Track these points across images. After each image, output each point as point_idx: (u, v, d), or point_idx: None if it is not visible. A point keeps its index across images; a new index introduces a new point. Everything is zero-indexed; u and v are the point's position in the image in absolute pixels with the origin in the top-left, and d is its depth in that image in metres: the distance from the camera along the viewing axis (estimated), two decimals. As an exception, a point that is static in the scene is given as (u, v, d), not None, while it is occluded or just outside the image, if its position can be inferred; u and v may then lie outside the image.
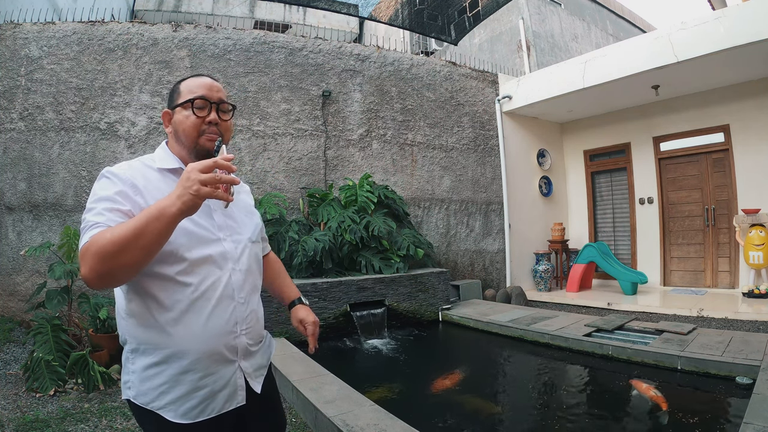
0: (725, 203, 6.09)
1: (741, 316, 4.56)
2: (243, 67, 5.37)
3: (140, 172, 1.05)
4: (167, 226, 0.86)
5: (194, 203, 0.85)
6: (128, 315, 1.05)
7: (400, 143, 6.28)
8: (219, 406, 1.07)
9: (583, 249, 6.56)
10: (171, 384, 1.02)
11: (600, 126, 7.38)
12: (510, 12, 9.11)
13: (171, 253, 0.99)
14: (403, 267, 5.11)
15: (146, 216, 0.85)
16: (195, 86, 1.12)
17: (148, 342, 1.03)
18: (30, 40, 4.72)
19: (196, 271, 1.02)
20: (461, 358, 4.32)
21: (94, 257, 0.85)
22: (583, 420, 2.69)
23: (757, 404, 2.32)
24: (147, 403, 1.04)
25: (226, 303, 1.06)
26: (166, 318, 1.01)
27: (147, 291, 1.01)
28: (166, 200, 0.86)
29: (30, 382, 3.08)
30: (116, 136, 4.83)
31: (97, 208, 0.95)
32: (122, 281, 0.94)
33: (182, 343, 1.01)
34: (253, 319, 1.14)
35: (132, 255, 0.85)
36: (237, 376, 1.10)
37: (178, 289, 1.01)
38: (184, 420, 1.03)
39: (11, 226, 4.58)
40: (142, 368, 1.04)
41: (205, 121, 1.10)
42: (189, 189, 0.84)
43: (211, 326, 1.03)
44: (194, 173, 0.85)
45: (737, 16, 4.58)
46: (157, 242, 0.87)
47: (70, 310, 3.71)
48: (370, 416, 2.37)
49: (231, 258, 1.09)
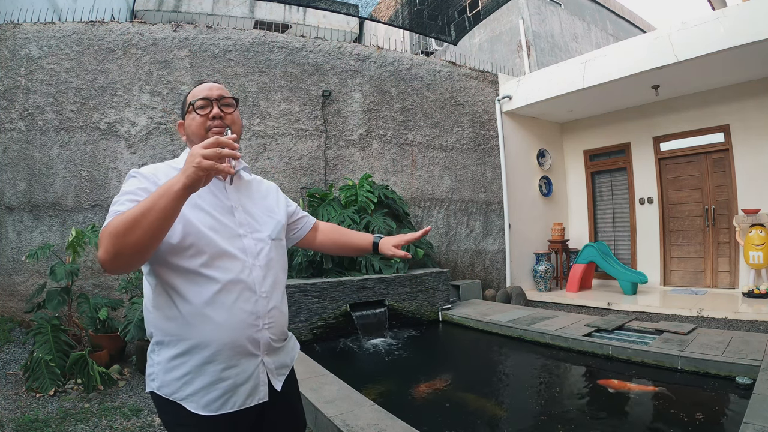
0: (725, 203, 6.09)
1: (741, 316, 4.56)
2: (243, 67, 5.37)
3: (163, 171, 1.12)
4: (174, 201, 0.88)
5: (197, 176, 0.88)
6: (154, 308, 1.09)
7: (400, 143, 6.28)
8: (241, 401, 1.09)
9: (583, 249, 6.57)
10: (194, 374, 1.05)
11: (600, 126, 7.38)
12: (510, 12, 9.12)
13: (193, 247, 1.04)
14: (403, 267, 5.11)
15: (154, 195, 0.90)
16: (196, 92, 1.20)
17: (172, 334, 1.06)
18: (30, 40, 4.72)
19: (218, 264, 1.06)
20: (461, 358, 4.32)
21: (108, 237, 0.89)
22: (583, 420, 2.69)
23: (757, 404, 2.32)
24: (170, 394, 1.07)
25: (247, 296, 1.09)
26: (189, 310, 1.05)
27: (171, 284, 1.05)
28: (172, 179, 0.90)
29: (30, 382, 3.08)
30: (116, 136, 4.83)
31: (120, 200, 1.01)
32: (133, 263, 0.95)
33: (205, 335, 1.05)
34: (276, 315, 1.16)
35: (140, 232, 0.87)
36: (260, 371, 1.12)
37: (201, 281, 1.05)
38: (205, 412, 1.05)
39: (11, 226, 4.58)
40: (167, 359, 1.07)
41: (209, 116, 1.16)
42: (192, 163, 0.88)
43: (233, 318, 1.06)
44: (197, 149, 0.90)
45: (737, 16, 4.58)
46: (164, 218, 0.89)
47: (70, 311, 3.71)
48: (370, 416, 2.37)
49: (251, 253, 1.12)
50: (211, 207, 1.11)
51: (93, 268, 4.60)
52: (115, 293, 4.41)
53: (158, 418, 2.77)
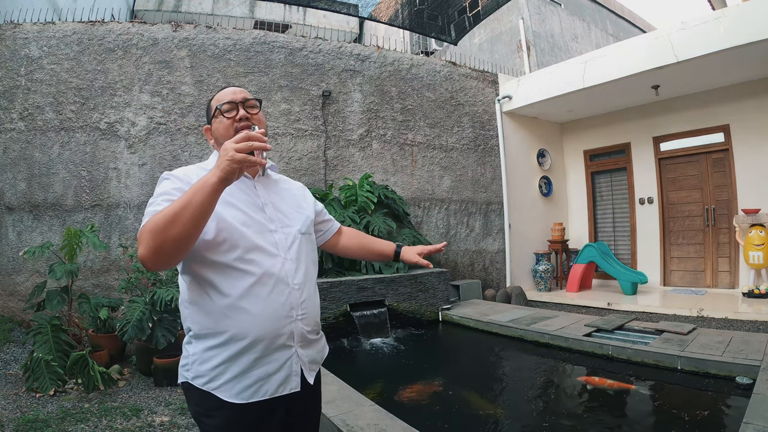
0: (725, 203, 6.09)
1: (741, 316, 4.56)
2: (243, 67, 5.37)
3: (195, 172, 1.17)
4: (210, 195, 0.93)
5: (231, 168, 0.93)
6: (190, 303, 1.13)
7: (400, 143, 6.28)
8: (273, 389, 1.11)
9: (583, 249, 6.57)
10: (228, 364, 1.08)
11: (600, 126, 7.38)
12: (510, 12, 9.11)
13: (227, 242, 1.08)
14: (403, 267, 5.11)
15: (191, 190, 0.94)
16: (220, 96, 1.24)
17: (209, 327, 1.10)
18: (30, 40, 4.72)
19: (251, 258, 1.10)
20: (461, 358, 4.32)
21: (148, 234, 0.93)
22: (583, 419, 2.69)
23: (757, 404, 2.32)
24: (204, 384, 1.10)
25: (281, 288, 1.12)
26: (225, 303, 1.08)
27: (206, 279, 1.09)
28: (207, 175, 0.95)
29: (30, 382, 3.08)
30: (116, 136, 4.83)
31: (156, 201, 1.06)
32: (174, 258, 0.98)
33: (242, 326, 1.08)
34: (309, 306, 1.19)
35: (180, 226, 0.92)
36: (293, 361, 1.15)
37: (236, 275, 1.09)
38: (237, 400, 1.08)
39: (11, 226, 4.58)
40: (202, 350, 1.11)
41: (236, 119, 1.21)
42: (226, 156, 0.93)
43: (268, 310, 1.10)
44: (229, 143, 0.95)
45: (737, 16, 4.58)
46: (202, 212, 0.93)
47: (70, 310, 3.71)
48: (370, 416, 2.37)
49: (282, 247, 1.16)
50: (242, 204, 1.15)
51: (93, 268, 4.60)
52: (115, 293, 4.41)
53: (158, 418, 2.77)
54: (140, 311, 3.42)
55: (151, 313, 3.44)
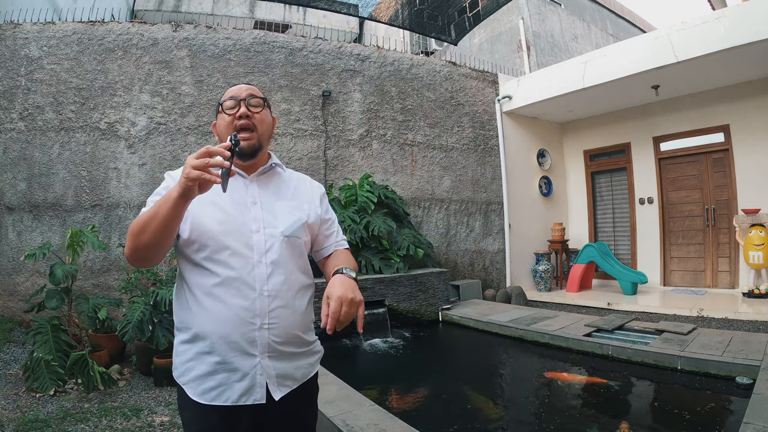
0: (725, 203, 6.09)
1: (741, 316, 4.56)
2: (243, 67, 5.36)
3: None
4: (173, 208, 0.95)
5: (187, 186, 0.93)
6: (175, 296, 1.19)
7: (400, 143, 6.27)
8: (235, 397, 1.09)
9: (583, 249, 6.56)
10: (195, 361, 1.11)
11: (600, 126, 7.38)
12: (510, 12, 9.12)
13: (197, 242, 1.10)
14: (403, 267, 5.11)
15: (159, 201, 0.99)
16: (227, 92, 1.24)
17: (182, 320, 1.15)
18: (30, 40, 4.72)
19: (218, 259, 1.10)
20: (461, 357, 4.32)
21: (129, 235, 1.03)
22: (583, 419, 2.69)
23: (757, 404, 2.32)
24: (178, 377, 1.15)
25: (245, 293, 1.09)
26: (192, 299, 1.12)
27: (183, 274, 1.15)
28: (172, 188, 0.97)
29: (30, 382, 3.08)
30: (116, 136, 4.83)
31: (148, 200, 1.12)
32: (149, 260, 1.06)
33: (203, 325, 1.09)
34: (282, 316, 1.11)
35: (148, 234, 0.98)
36: (257, 372, 1.09)
37: (204, 273, 1.10)
38: (201, 399, 1.09)
39: (11, 226, 4.58)
40: (178, 343, 1.16)
41: (235, 116, 1.18)
42: (183, 173, 0.93)
43: (227, 313, 1.08)
44: (189, 159, 0.93)
45: (737, 16, 4.57)
46: (166, 223, 0.97)
47: (70, 311, 3.71)
48: (370, 416, 2.37)
49: (258, 250, 1.12)
50: (226, 202, 1.13)
51: (93, 268, 4.60)
52: (115, 293, 4.41)
53: (158, 418, 2.77)
54: (141, 311, 3.42)
55: (151, 314, 3.44)
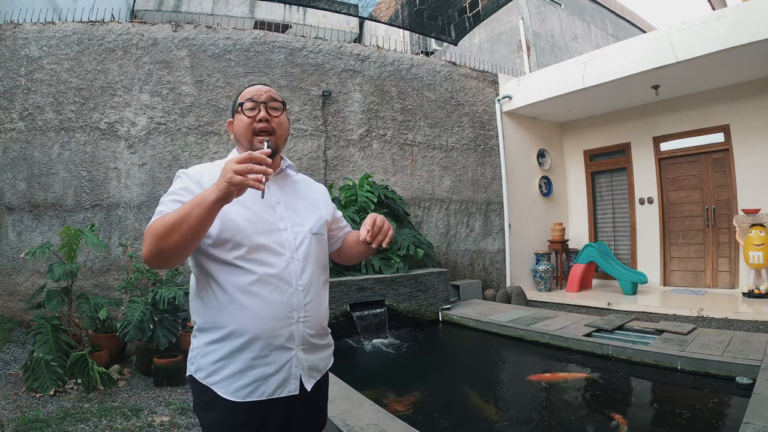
0: (725, 203, 6.09)
1: (741, 316, 4.56)
2: (243, 67, 5.37)
3: (208, 171, 1.17)
4: (207, 211, 0.95)
5: (228, 190, 0.93)
6: (196, 296, 1.16)
7: (400, 143, 6.27)
8: (270, 390, 1.11)
9: (583, 249, 6.56)
10: (227, 360, 1.09)
11: (600, 126, 7.38)
12: (510, 12, 9.11)
13: (230, 242, 1.10)
14: (403, 267, 5.11)
15: (191, 203, 0.97)
16: (246, 93, 1.24)
17: (210, 321, 1.12)
18: (30, 40, 4.72)
19: (255, 257, 1.11)
20: (461, 357, 4.32)
21: (149, 238, 0.98)
22: (582, 419, 2.69)
23: (757, 404, 2.32)
24: (204, 378, 1.11)
25: (283, 288, 1.12)
26: (225, 298, 1.10)
27: (210, 274, 1.12)
28: (207, 190, 0.97)
29: (30, 382, 3.08)
30: (116, 136, 4.83)
31: (164, 200, 1.09)
32: (173, 261, 1.03)
33: (241, 322, 1.09)
34: (313, 308, 1.17)
35: (177, 236, 0.96)
36: (293, 364, 1.13)
37: (237, 272, 1.10)
38: (234, 398, 1.08)
39: (11, 226, 4.58)
40: (204, 344, 1.13)
41: (255, 119, 1.20)
42: (224, 178, 0.93)
43: (267, 309, 1.10)
44: (230, 164, 0.94)
45: (737, 16, 4.57)
46: (198, 226, 0.96)
47: (70, 310, 3.71)
48: (370, 416, 2.37)
49: (289, 247, 1.16)
50: (252, 202, 1.14)
51: (93, 268, 4.60)
52: (115, 293, 4.41)
53: (158, 418, 2.77)
54: (141, 311, 3.42)
55: (152, 314, 3.44)
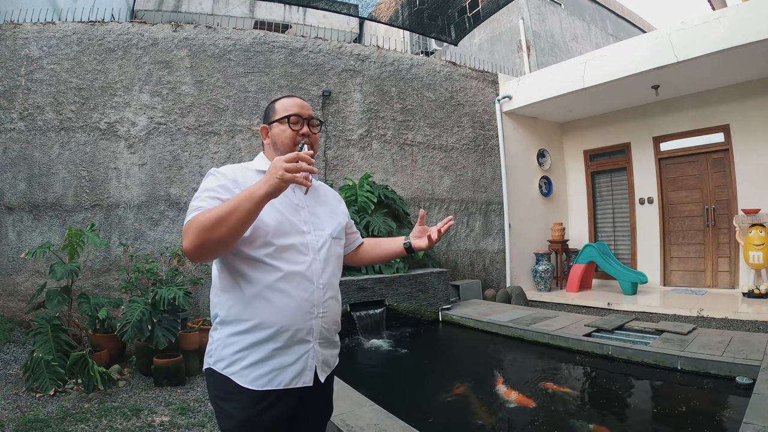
0: (725, 203, 6.09)
1: (741, 316, 4.56)
2: (243, 67, 5.37)
3: (240, 171, 1.25)
4: (255, 205, 1.02)
5: (279, 186, 1.01)
6: (222, 291, 1.22)
7: (400, 143, 6.27)
8: (287, 380, 1.17)
9: (583, 249, 6.56)
10: (248, 350, 1.16)
11: (600, 126, 7.38)
12: (510, 12, 9.11)
13: (261, 239, 1.16)
14: (403, 267, 5.11)
15: (239, 198, 1.03)
16: (289, 105, 1.31)
17: (235, 314, 1.18)
18: (30, 40, 4.72)
19: (282, 255, 1.18)
20: (461, 357, 4.32)
21: (195, 231, 1.03)
22: (582, 419, 2.69)
23: (757, 404, 2.32)
24: (223, 368, 1.17)
25: (305, 285, 1.19)
26: (252, 292, 1.16)
27: (238, 270, 1.18)
28: (255, 185, 1.03)
29: (30, 382, 3.08)
30: (116, 136, 4.83)
31: (201, 196, 1.14)
32: (215, 254, 1.11)
33: (267, 316, 1.15)
34: (330, 305, 1.26)
35: (225, 228, 1.02)
36: (309, 356, 1.21)
37: (265, 269, 1.17)
38: (253, 386, 1.14)
39: (11, 226, 4.58)
40: (226, 336, 1.19)
41: (299, 134, 1.29)
42: (275, 174, 1.00)
43: (291, 304, 1.17)
44: (280, 162, 1.01)
45: (737, 16, 4.58)
46: (246, 219, 1.03)
47: (70, 310, 3.71)
48: (370, 416, 2.37)
49: (312, 248, 1.24)
50: (281, 205, 1.21)
51: (93, 267, 4.60)
52: (115, 293, 4.41)
53: (158, 418, 2.77)
54: (140, 311, 3.42)
55: (151, 314, 3.44)
